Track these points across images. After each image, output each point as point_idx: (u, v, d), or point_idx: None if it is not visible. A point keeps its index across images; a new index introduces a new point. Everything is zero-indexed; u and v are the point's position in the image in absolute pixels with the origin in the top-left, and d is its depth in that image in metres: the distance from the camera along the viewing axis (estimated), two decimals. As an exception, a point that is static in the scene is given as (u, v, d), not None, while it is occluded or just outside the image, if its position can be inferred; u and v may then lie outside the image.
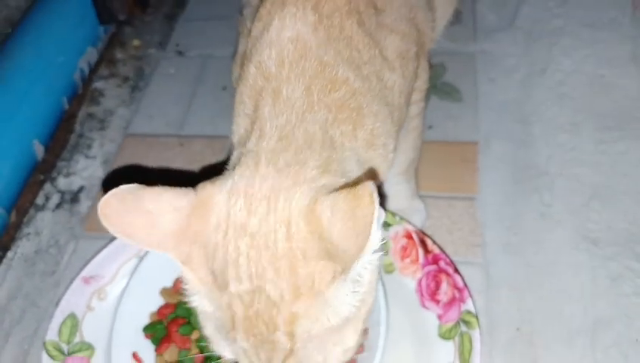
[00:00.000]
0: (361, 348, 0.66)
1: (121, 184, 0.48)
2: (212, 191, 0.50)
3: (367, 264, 0.45)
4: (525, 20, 1.12)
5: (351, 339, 0.49)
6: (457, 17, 1.15)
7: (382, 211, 0.43)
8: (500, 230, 0.85)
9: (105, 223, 0.47)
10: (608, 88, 0.97)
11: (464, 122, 1.00)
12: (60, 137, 1.11)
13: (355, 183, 0.45)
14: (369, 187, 0.41)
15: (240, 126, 0.59)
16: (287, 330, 0.46)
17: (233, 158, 0.57)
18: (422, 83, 0.77)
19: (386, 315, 0.66)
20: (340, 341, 0.49)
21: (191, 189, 0.51)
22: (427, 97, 1.00)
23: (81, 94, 1.18)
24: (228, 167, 0.55)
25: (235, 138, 0.60)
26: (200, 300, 0.51)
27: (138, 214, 0.48)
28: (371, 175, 0.59)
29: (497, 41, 1.11)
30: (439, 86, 1.05)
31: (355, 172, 0.56)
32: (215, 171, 0.53)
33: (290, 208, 0.46)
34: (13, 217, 1.00)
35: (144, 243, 0.49)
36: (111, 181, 0.49)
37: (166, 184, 0.50)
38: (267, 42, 0.57)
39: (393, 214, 0.81)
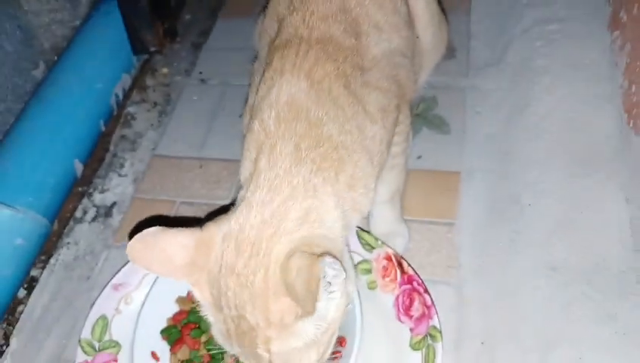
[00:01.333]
0: (339, 354, 0.80)
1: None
2: (213, 232, 0.65)
3: (329, 307, 0.59)
4: (514, 57, 1.21)
5: (314, 357, 0.63)
6: (451, 53, 1.26)
7: (342, 273, 0.57)
8: (473, 253, 0.96)
9: (132, 261, 0.64)
10: (582, 126, 1.06)
11: (450, 153, 1.10)
12: (97, 156, 1.26)
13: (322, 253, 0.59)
14: (322, 262, 0.55)
15: (245, 170, 0.72)
16: (265, 348, 0.60)
17: (238, 199, 0.70)
18: (404, 127, 0.88)
19: (361, 328, 0.79)
20: (307, 357, 0.63)
21: (199, 229, 0.65)
22: (416, 130, 1.12)
23: (115, 117, 1.33)
24: (233, 207, 0.69)
25: (242, 179, 0.73)
26: (206, 312, 0.67)
27: (156, 252, 0.64)
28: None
29: (486, 77, 1.20)
30: (430, 118, 1.16)
31: (334, 220, 0.67)
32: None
33: (270, 255, 0.60)
34: (55, 227, 1.16)
35: (161, 274, 0.64)
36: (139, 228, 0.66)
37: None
38: (268, 104, 0.71)
39: (376, 239, 0.93)
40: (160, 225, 0.65)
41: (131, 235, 0.64)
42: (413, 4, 0.99)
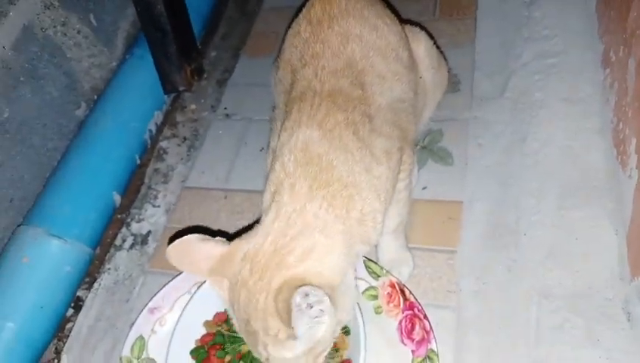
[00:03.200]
0: (345, 374, 0.90)
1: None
2: (236, 249, 0.79)
3: (315, 329, 0.72)
4: (513, 90, 1.29)
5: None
6: (456, 86, 1.35)
7: (323, 298, 0.70)
8: (472, 279, 1.05)
9: (168, 260, 0.81)
10: (575, 158, 1.13)
11: (453, 183, 1.18)
12: (133, 187, 1.40)
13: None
14: (296, 293, 0.68)
15: (267, 200, 0.84)
16: (263, 349, 0.75)
17: (260, 221, 0.82)
18: (407, 165, 0.97)
19: (365, 349, 0.88)
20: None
21: (224, 242, 0.81)
22: (422, 162, 1.21)
23: (149, 151, 1.46)
24: (256, 226, 0.82)
25: (263, 207, 0.85)
26: (227, 306, 0.82)
27: (187, 256, 0.81)
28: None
29: (488, 109, 1.28)
30: (436, 150, 1.25)
31: (336, 256, 0.78)
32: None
33: (270, 283, 0.73)
34: (97, 251, 1.29)
35: (189, 272, 0.86)
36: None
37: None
38: (288, 149, 0.83)
39: (381, 267, 1.03)
40: (197, 233, 0.81)
41: (171, 240, 0.81)
42: (415, 48, 1.09)
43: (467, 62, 1.39)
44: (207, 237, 0.81)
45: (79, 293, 1.23)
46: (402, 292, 1.00)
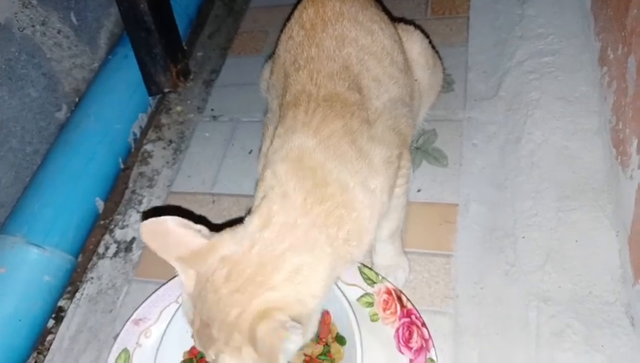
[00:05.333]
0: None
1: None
2: (217, 246, 0.73)
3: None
4: (507, 90, 1.26)
5: None
6: (449, 86, 1.32)
7: (300, 337, 0.67)
8: (469, 284, 1.02)
9: (141, 236, 0.74)
10: (571, 159, 1.10)
11: (448, 185, 1.15)
12: (117, 193, 1.35)
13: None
14: (286, 336, 0.64)
15: (257, 200, 0.79)
16: (214, 354, 0.71)
17: (246, 223, 0.76)
18: (405, 171, 0.93)
19: (361, 359, 0.85)
20: None
21: (208, 235, 0.75)
22: (417, 164, 1.18)
23: (133, 154, 1.41)
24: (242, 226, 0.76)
25: (253, 207, 0.80)
26: (183, 297, 0.76)
27: (161, 238, 0.74)
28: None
29: (482, 109, 1.25)
30: (430, 151, 1.22)
31: (320, 280, 0.73)
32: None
33: (251, 301, 0.68)
34: (79, 259, 1.24)
35: (159, 254, 0.75)
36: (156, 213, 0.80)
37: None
38: (281, 157, 0.79)
39: (377, 274, 0.99)
40: (174, 215, 0.75)
41: (145, 217, 0.75)
42: (409, 48, 1.06)
43: (460, 62, 1.36)
44: (188, 223, 0.75)
45: (61, 304, 1.19)
46: (399, 299, 0.96)
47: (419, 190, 1.16)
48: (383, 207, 0.84)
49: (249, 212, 0.78)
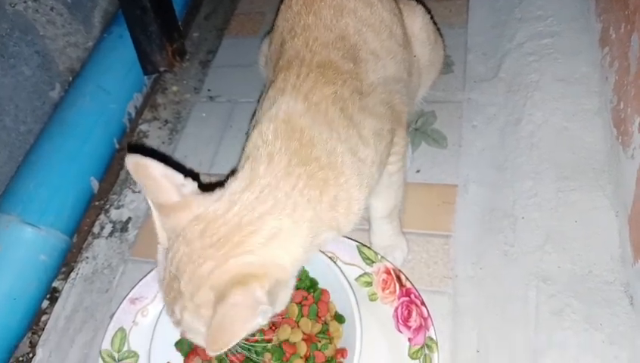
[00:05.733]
0: (341, 364, 0.86)
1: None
2: (191, 204, 0.71)
3: None
4: (507, 71, 1.25)
5: None
6: (449, 68, 1.31)
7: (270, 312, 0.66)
8: (468, 264, 1.01)
9: (127, 166, 0.73)
10: (571, 140, 1.10)
11: (447, 167, 1.15)
12: (112, 173, 1.33)
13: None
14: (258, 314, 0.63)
15: (241, 160, 0.77)
16: (180, 310, 0.69)
17: (229, 183, 0.74)
18: (399, 148, 0.92)
19: (361, 339, 0.84)
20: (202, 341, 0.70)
21: (190, 194, 0.72)
22: (416, 145, 1.17)
23: (128, 134, 1.40)
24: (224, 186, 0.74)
25: (238, 167, 0.78)
26: (158, 249, 0.74)
27: (145, 179, 0.72)
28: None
29: (482, 91, 1.24)
30: (429, 133, 1.21)
31: (298, 245, 0.71)
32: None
33: (227, 260, 0.66)
34: (74, 239, 1.23)
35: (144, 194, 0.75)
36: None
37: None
38: (268, 118, 0.76)
39: (376, 253, 0.99)
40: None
41: (130, 150, 0.72)
42: (410, 24, 1.04)
43: (459, 43, 1.35)
44: (172, 174, 0.73)
45: (55, 284, 1.17)
46: (398, 278, 0.96)
47: (418, 171, 1.16)
48: (373, 179, 0.83)
49: (232, 172, 0.76)
